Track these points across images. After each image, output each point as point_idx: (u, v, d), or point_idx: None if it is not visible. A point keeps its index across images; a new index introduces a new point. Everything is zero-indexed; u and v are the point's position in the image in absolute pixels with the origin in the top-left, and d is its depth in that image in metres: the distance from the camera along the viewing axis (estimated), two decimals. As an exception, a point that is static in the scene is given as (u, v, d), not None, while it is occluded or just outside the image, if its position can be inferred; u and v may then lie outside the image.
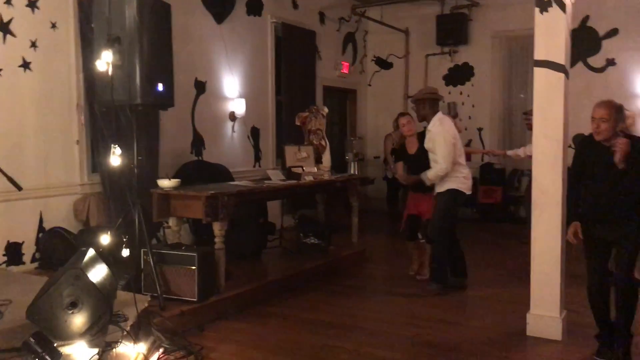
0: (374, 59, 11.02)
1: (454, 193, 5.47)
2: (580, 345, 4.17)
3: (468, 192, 5.59)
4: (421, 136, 5.76)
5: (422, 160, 5.63)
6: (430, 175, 5.50)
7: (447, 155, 5.37)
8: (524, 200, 8.14)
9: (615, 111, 3.76)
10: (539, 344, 4.27)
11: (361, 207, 7.22)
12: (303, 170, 6.45)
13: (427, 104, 5.55)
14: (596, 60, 9.00)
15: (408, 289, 5.71)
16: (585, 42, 8.72)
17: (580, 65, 8.85)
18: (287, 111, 8.49)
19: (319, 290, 5.70)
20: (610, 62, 8.94)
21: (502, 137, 9.95)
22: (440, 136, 5.42)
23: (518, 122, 9.74)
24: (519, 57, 9.74)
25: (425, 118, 5.59)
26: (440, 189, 5.53)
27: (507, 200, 9.42)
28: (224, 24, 7.55)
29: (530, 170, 7.50)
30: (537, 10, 4.31)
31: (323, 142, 7.00)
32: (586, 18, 8.79)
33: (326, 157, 6.95)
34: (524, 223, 7.98)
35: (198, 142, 7.22)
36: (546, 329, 4.34)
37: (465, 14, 10.01)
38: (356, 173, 7.39)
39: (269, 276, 5.81)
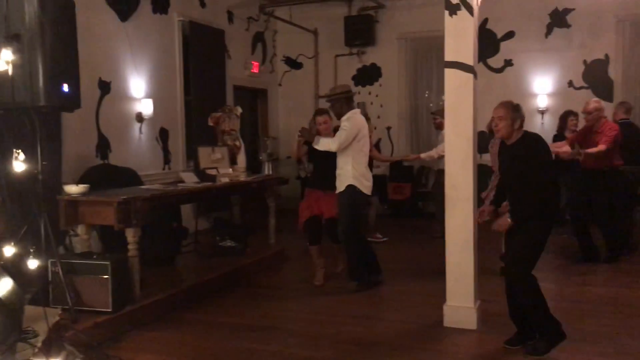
0: (284, 58, 11.03)
1: (353, 189, 5.45)
2: (494, 333, 4.35)
3: (367, 193, 5.60)
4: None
5: (335, 158, 5.61)
6: (322, 141, 5.46)
7: (342, 141, 5.37)
8: (432, 196, 8.45)
9: (512, 110, 3.99)
10: (455, 333, 4.44)
11: (277, 207, 7.19)
12: (218, 171, 6.33)
13: (343, 102, 5.57)
14: (495, 61, 9.52)
15: (328, 287, 5.75)
16: (484, 43, 9.16)
17: (480, 65, 9.29)
18: (197, 111, 8.29)
19: (238, 293, 5.62)
20: (508, 63, 9.48)
21: (409, 136, 10.28)
22: (347, 123, 5.44)
23: (424, 121, 10.11)
24: (425, 58, 10.10)
25: (341, 113, 5.60)
26: (340, 187, 5.53)
27: (416, 197, 9.73)
28: (128, 21, 7.25)
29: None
30: (446, 13, 4.45)
31: (237, 143, 6.91)
32: (485, 21, 9.27)
33: (241, 158, 6.86)
34: (433, 218, 8.35)
35: (103, 145, 6.88)
36: (462, 319, 4.51)
37: (372, 15, 10.23)
38: (271, 173, 7.36)
39: (185, 282, 5.64)
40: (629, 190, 6.79)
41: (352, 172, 5.46)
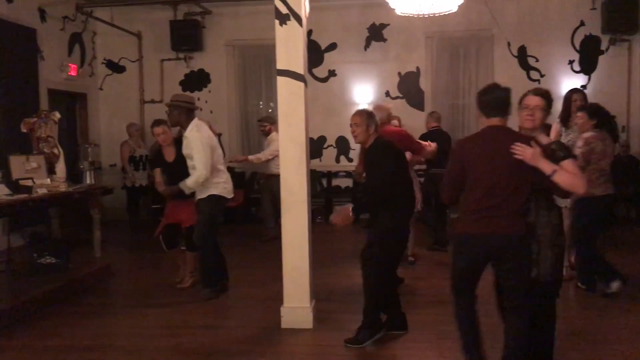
0: (105, 61, 10.44)
1: (215, 199, 5.48)
2: (328, 330, 4.56)
3: (229, 197, 5.66)
4: (178, 143, 5.65)
5: (181, 167, 5.51)
6: (189, 183, 5.40)
7: (205, 161, 5.33)
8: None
9: (366, 117, 4.34)
10: (293, 334, 4.55)
11: (101, 218, 6.78)
12: (34, 182, 5.80)
13: (183, 111, 5.43)
14: (320, 71, 9.95)
15: (163, 299, 5.55)
16: (310, 54, 9.51)
17: (307, 75, 9.63)
18: (6, 117, 7.53)
19: (60, 313, 5.18)
20: (332, 73, 9.97)
21: (241, 142, 10.31)
22: (198, 141, 5.34)
23: (255, 126, 10.20)
24: (254, 66, 10.21)
25: (180, 124, 5.49)
26: (201, 195, 5.48)
27: (249, 202, 9.79)
28: None
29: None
30: (276, 22, 4.56)
31: (56, 151, 6.40)
32: (310, 32, 9.63)
33: (60, 167, 6.36)
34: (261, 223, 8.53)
35: None
36: (298, 319, 4.65)
37: (198, 20, 10.10)
38: (93, 182, 6.91)
39: (-2, 305, 5.07)
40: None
41: (214, 182, 5.46)
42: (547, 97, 3.50)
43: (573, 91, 6.00)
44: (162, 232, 5.77)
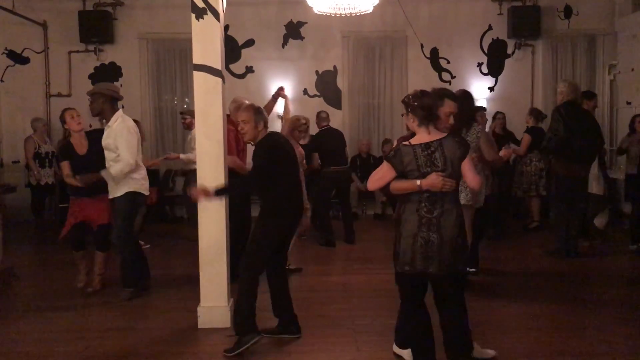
0: (6, 51, 9.82)
1: (133, 195, 5.30)
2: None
3: (147, 194, 5.51)
4: (91, 135, 5.40)
5: (94, 160, 5.29)
6: (114, 171, 5.15)
7: (132, 151, 5.17)
8: (182, 199, 8.44)
9: (254, 113, 4.20)
10: (210, 333, 4.48)
11: (3, 218, 6.36)
12: None
13: (107, 99, 5.23)
14: (237, 67, 9.84)
15: (71, 302, 5.30)
16: (227, 49, 9.39)
17: (224, 71, 9.50)
18: None
19: (-42, 321, 4.84)
20: (250, 70, 9.89)
21: (155, 137, 10.01)
22: (125, 131, 5.17)
23: (170, 121, 9.98)
24: (168, 60, 9.94)
25: (103, 114, 5.28)
26: (117, 192, 5.27)
27: (163, 201, 9.53)
28: None
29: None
30: (193, 16, 4.47)
31: (-49, 146, 5.94)
32: (227, 27, 9.50)
33: (-43, 164, 5.92)
34: (186, 221, 8.35)
35: None
36: (216, 318, 4.58)
37: (109, 12, 9.72)
38: (-6, 180, 6.50)
39: None
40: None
41: (131, 177, 5.27)
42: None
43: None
44: (70, 232, 5.50)
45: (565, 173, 6.42)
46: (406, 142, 3.42)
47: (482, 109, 7.93)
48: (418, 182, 3.31)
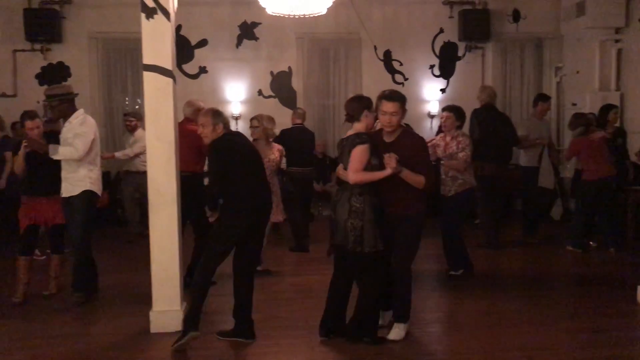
0: (-56, 49, 9.44)
1: (89, 194, 5.20)
2: (201, 331, 4.44)
3: (100, 195, 5.40)
4: (47, 137, 5.30)
5: (51, 160, 5.12)
6: (61, 150, 5.06)
7: (86, 144, 5.11)
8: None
9: (212, 116, 4.22)
10: (163, 338, 4.38)
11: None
12: None
13: (70, 103, 5.25)
14: (190, 67, 9.71)
15: (18, 309, 5.15)
16: (179, 49, 9.27)
17: (176, 71, 9.34)
18: None
19: None
20: (203, 70, 9.77)
21: (104, 139, 9.74)
22: (87, 126, 5.18)
23: (121, 122, 9.73)
24: (119, 60, 9.73)
25: (65, 115, 5.25)
26: (73, 191, 5.15)
27: (115, 204, 9.31)
28: None
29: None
30: (143, 16, 4.39)
31: None
32: (179, 27, 9.38)
33: None
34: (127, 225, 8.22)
35: None
36: (169, 322, 4.51)
37: (57, 10, 9.44)
38: None
39: None
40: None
41: (88, 176, 5.18)
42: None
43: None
44: (22, 234, 5.30)
45: (482, 173, 6.80)
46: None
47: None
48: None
